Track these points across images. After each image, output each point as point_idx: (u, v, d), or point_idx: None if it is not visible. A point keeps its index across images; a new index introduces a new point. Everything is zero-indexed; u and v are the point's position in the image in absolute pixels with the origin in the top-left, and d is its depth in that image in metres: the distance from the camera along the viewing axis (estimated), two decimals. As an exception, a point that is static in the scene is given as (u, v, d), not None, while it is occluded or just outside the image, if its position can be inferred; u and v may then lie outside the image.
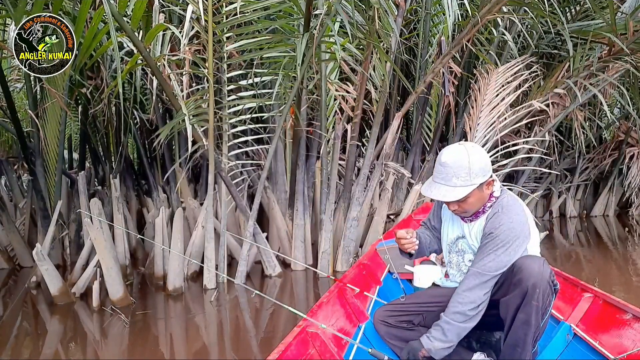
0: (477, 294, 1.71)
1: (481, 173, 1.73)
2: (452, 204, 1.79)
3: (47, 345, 3.01)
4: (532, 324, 1.64)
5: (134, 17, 3.11)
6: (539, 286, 1.63)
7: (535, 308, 1.63)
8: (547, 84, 5.41)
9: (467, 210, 1.81)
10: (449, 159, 1.74)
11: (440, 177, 1.76)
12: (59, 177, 4.69)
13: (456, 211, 1.82)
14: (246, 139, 4.54)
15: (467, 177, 1.71)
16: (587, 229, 6.97)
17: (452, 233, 1.97)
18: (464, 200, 1.75)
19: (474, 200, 1.77)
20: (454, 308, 1.73)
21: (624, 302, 1.96)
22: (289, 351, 1.61)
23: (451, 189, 1.72)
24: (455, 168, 1.72)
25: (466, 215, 1.85)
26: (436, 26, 5.93)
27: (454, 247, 1.96)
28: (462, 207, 1.78)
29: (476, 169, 1.72)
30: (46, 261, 3.57)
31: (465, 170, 1.71)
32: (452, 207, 1.80)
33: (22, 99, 7.60)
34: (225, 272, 4.13)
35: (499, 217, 1.76)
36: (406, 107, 4.83)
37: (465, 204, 1.77)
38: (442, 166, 1.76)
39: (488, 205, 1.83)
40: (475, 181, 1.72)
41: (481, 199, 1.79)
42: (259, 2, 3.70)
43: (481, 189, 1.76)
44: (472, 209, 1.80)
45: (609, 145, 7.75)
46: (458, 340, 1.76)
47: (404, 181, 5.56)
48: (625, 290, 3.82)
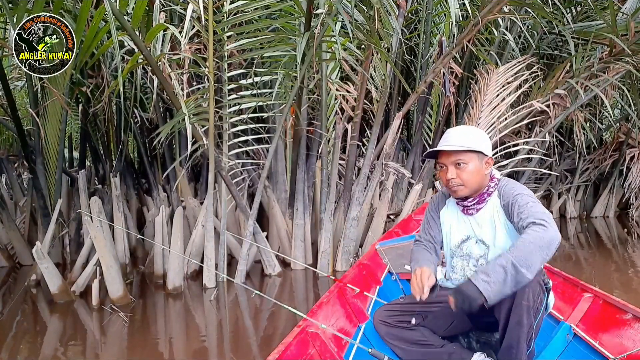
0: (541, 234, 1.50)
1: (483, 143, 1.79)
2: (450, 171, 1.79)
3: (46, 344, 3.01)
4: (524, 324, 1.63)
5: (135, 16, 3.11)
6: (528, 285, 1.60)
7: (526, 308, 1.62)
8: (547, 84, 5.41)
9: (464, 182, 1.78)
10: (452, 129, 1.87)
11: (445, 141, 1.82)
12: (59, 175, 4.69)
13: (453, 182, 1.79)
14: (246, 138, 4.54)
15: (469, 141, 1.77)
16: (587, 230, 6.96)
17: (457, 236, 1.93)
18: (463, 165, 1.76)
19: (472, 170, 1.77)
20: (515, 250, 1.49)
21: (624, 302, 1.96)
22: (289, 351, 1.61)
23: (450, 146, 1.78)
24: (458, 132, 1.82)
25: (460, 191, 1.80)
26: (437, 26, 5.93)
27: (458, 251, 1.92)
28: (460, 175, 1.77)
29: (478, 137, 1.80)
30: (46, 259, 3.57)
31: (468, 135, 1.80)
32: (450, 175, 1.79)
33: (22, 97, 7.61)
34: (225, 271, 4.13)
35: (510, 186, 1.78)
36: (407, 107, 4.83)
37: (464, 172, 1.77)
38: (447, 133, 1.86)
39: (492, 186, 1.83)
40: (477, 147, 1.76)
41: (480, 174, 1.79)
42: (260, 1, 3.70)
43: (481, 162, 1.79)
44: (470, 182, 1.78)
45: (609, 147, 7.74)
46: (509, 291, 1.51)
47: (404, 181, 5.56)
48: (625, 291, 3.82)
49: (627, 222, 7.49)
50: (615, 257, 5.28)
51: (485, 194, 1.83)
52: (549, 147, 6.20)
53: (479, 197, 1.83)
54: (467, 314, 1.92)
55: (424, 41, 5.70)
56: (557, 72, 5.43)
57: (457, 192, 1.82)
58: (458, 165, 1.78)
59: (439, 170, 1.88)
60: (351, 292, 2.38)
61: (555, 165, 7.39)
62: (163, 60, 3.60)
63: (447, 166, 1.81)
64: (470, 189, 1.80)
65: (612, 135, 8.38)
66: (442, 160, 1.83)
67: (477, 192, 1.83)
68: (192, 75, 4.38)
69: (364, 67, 4.29)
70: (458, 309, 1.54)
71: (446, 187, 1.86)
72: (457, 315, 1.89)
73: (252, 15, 3.80)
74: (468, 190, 1.81)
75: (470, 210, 1.86)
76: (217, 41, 3.86)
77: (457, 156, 1.77)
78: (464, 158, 1.77)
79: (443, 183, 1.86)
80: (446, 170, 1.81)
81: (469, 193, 1.82)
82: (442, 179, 1.86)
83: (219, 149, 4.19)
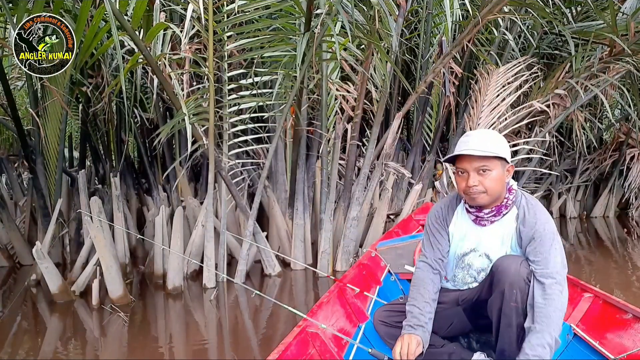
0: (562, 301, 1.58)
1: (505, 149, 1.70)
2: (472, 178, 1.66)
3: (46, 343, 3.01)
4: (513, 326, 1.63)
5: (135, 16, 3.11)
6: (516, 287, 1.60)
7: (515, 309, 1.61)
8: (547, 84, 5.41)
9: (486, 190, 1.67)
10: (473, 132, 1.73)
11: (465, 145, 1.69)
12: (59, 175, 4.69)
13: (473, 189, 1.67)
14: (246, 138, 4.55)
15: (493, 146, 1.66)
16: (587, 230, 6.97)
17: (463, 248, 1.85)
18: (487, 172, 1.65)
19: (495, 176, 1.66)
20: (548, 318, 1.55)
21: (624, 302, 1.97)
22: (289, 351, 1.61)
23: (475, 150, 1.65)
24: (482, 136, 1.70)
25: (482, 199, 1.69)
26: (437, 26, 5.93)
27: (460, 262, 1.88)
28: (483, 182, 1.66)
29: (501, 143, 1.70)
30: (46, 259, 3.57)
31: (492, 140, 1.69)
32: (472, 182, 1.66)
33: (22, 97, 7.61)
34: (224, 271, 4.13)
35: (531, 214, 1.69)
36: (407, 107, 4.83)
37: (488, 178, 1.66)
38: (468, 136, 1.72)
39: (510, 198, 1.73)
40: (501, 152, 1.66)
41: (502, 182, 1.69)
42: (260, 1, 3.70)
43: (503, 168, 1.69)
44: (493, 189, 1.67)
45: (609, 147, 7.74)
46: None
47: (404, 181, 5.56)
48: (625, 290, 3.82)
49: (627, 222, 7.49)
50: (615, 257, 5.28)
51: (502, 207, 1.73)
52: (549, 147, 6.20)
53: (496, 209, 1.74)
54: (467, 316, 1.92)
55: (424, 41, 5.70)
56: (557, 72, 5.43)
57: (477, 199, 1.70)
58: (481, 171, 1.66)
59: (457, 175, 1.74)
60: (351, 292, 2.38)
61: (555, 165, 7.39)
62: (163, 60, 3.60)
63: (468, 172, 1.68)
64: (491, 197, 1.70)
65: (612, 135, 8.38)
66: (463, 166, 1.69)
67: (496, 202, 1.73)
68: (192, 75, 4.38)
69: (364, 67, 4.29)
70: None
71: (464, 194, 1.73)
72: (457, 316, 1.89)
73: (252, 15, 3.80)
74: (489, 199, 1.70)
75: (483, 221, 1.78)
76: (217, 41, 3.86)
77: (481, 162, 1.65)
78: (489, 164, 1.65)
79: (460, 189, 1.74)
80: (467, 176, 1.68)
81: (489, 202, 1.71)
82: (459, 185, 1.73)
83: (219, 149, 4.19)
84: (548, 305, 1.56)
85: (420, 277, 1.85)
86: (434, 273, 1.84)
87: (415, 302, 1.79)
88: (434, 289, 1.82)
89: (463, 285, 1.90)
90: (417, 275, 1.88)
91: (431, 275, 1.84)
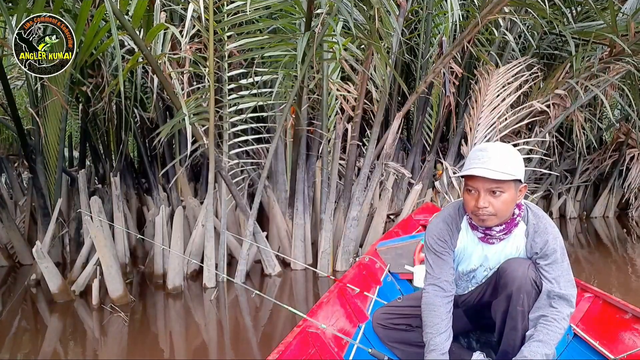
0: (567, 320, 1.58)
1: (520, 169, 1.57)
2: (483, 198, 1.55)
3: (46, 343, 3.01)
4: (519, 329, 1.63)
5: (135, 16, 3.11)
6: (523, 290, 1.60)
7: (521, 313, 1.62)
8: (547, 84, 5.41)
9: (496, 212, 1.57)
10: (490, 146, 1.58)
11: (480, 162, 1.54)
12: (59, 175, 4.69)
13: (483, 211, 1.56)
14: (246, 138, 4.55)
15: (511, 167, 1.53)
16: (587, 230, 6.97)
17: (468, 265, 1.80)
18: (499, 193, 1.54)
19: (507, 199, 1.56)
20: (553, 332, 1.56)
21: (624, 302, 1.97)
22: (289, 351, 1.61)
23: (491, 172, 1.51)
24: (500, 155, 1.55)
25: (490, 221, 1.60)
26: (437, 26, 5.93)
27: (465, 277, 1.85)
28: (493, 204, 1.55)
29: (518, 162, 1.57)
30: (46, 259, 3.57)
31: (509, 159, 1.55)
32: (483, 203, 1.55)
33: (22, 96, 7.60)
34: (225, 271, 4.13)
35: (542, 229, 1.64)
36: (407, 107, 4.83)
37: (498, 201, 1.55)
38: (483, 151, 1.57)
39: (522, 214, 1.66)
40: (516, 174, 1.54)
41: (512, 203, 1.59)
42: (260, 1, 3.70)
43: (516, 190, 1.58)
44: (503, 212, 1.58)
45: (609, 147, 7.74)
46: None
47: (404, 181, 5.56)
48: (625, 291, 3.82)
49: (627, 222, 7.50)
50: (615, 257, 5.28)
51: (512, 225, 1.65)
52: (549, 147, 6.20)
53: (506, 228, 1.65)
54: (467, 317, 1.92)
55: (424, 41, 5.70)
56: (557, 73, 5.43)
57: (486, 221, 1.60)
58: (493, 192, 1.55)
59: (466, 192, 1.62)
60: (351, 292, 2.38)
61: (555, 166, 7.39)
62: (163, 59, 3.60)
63: (479, 192, 1.56)
64: (500, 219, 1.61)
65: (612, 135, 8.38)
66: (474, 185, 1.57)
67: (505, 220, 1.64)
68: (192, 75, 4.38)
69: (364, 67, 4.29)
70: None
71: (471, 214, 1.62)
72: (457, 317, 1.89)
73: (253, 15, 3.80)
74: (498, 221, 1.61)
75: (492, 240, 1.70)
76: (218, 41, 3.86)
77: (495, 184, 1.53)
78: (503, 187, 1.54)
79: (468, 208, 1.62)
80: (477, 196, 1.57)
81: (497, 223, 1.62)
82: (468, 203, 1.61)
83: (219, 149, 4.19)
84: (556, 324, 1.56)
85: (432, 302, 1.72)
86: (446, 297, 1.72)
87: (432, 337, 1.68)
88: (448, 315, 1.71)
89: (464, 291, 1.90)
90: (428, 300, 1.73)
91: (444, 300, 1.72)
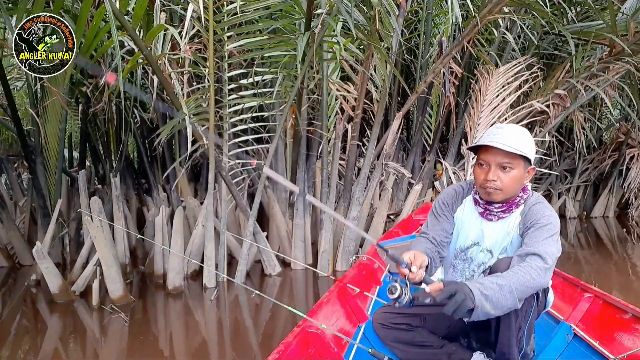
0: (539, 276, 1.49)
1: (532, 151, 1.66)
2: (493, 172, 1.63)
3: (46, 343, 3.01)
4: (513, 328, 1.63)
5: (135, 16, 3.11)
6: None
7: (514, 312, 1.59)
8: (547, 84, 5.41)
9: (503, 187, 1.64)
10: (506, 126, 1.69)
11: (496, 137, 1.63)
12: (59, 175, 4.69)
13: (491, 184, 1.64)
14: (246, 138, 4.55)
15: (523, 145, 1.63)
16: (586, 230, 6.97)
17: (465, 240, 1.82)
18: (509, 169, 1.62)
19: (516, 176, 1.64)
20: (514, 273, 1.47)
21: (624, 302, 1.97)
22: (289, 351, 1.61)
23: (505, 145, 1.60)
24: (513, 132, 1.65)
25: (496, 195, 1.67)
26: (437, 26, 5.93)
27: (462, 254, 1.86)
28: (502, 179, 1.63)
29: (530, 143, 1.67)
30: (46, 259, 3.57)
31: (522, 138, 1.65)
32: (492, 176, 1.63)
33: (22, 97, 7.60)
34: (225, 271, 4.13)
35: (540, 207, 1.67)
36: (407, 107, 4.83)
37: (507, 176, 1.63)
38: (499, 128, 1.68)
39: (525, 197, 1.71)
40: (528, 152, 1.63)
41: (519, 182, 1.66)
42: (260, 1, 3.70)
43: (525, 170, 1.66)
44: (510, 188, 1.65)
45: (609, 147, 7.74)
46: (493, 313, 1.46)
47: (404, 181, 5.56)
48: (625, 291, 3.82)
49: (627, 222, 7.50)
50: (615, 257, 5.28)
51: (513, 205, 1.71)
52: (549, 147, 6.20)
53: (506, 206, 1.71)
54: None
55: (424, 41, 5.70)
56: (557, 72, 5.43)
57: (492, 195, 1.67)
58: (503, 168, 1.63)
59: (477, 166, 1.70)
60: (351, 292, 2.38)
61: (555, 165, 7.39)
62: (163, 60, 3.60)
63: (490, 165, 1.65)
64: (505, 196, 1.67)
65: (611, 135, 8.38)
66: (486, 158, 1.66)
67: (508, 199, 1.71)
68: (192, 75, 4.38)
69: (364, 67, 4.29)
70: (443, 299, 1.41)
71: (480, 187, 1.70)
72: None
73: (253, 16, 3.80)
74: (503, 197, 1.67)
75: (491, 216, 1.75)
76: (218, 41, 3.86)
77: (506, 158, 1.62)
78: (513, 163, 1.63)
79: (477, 181, 1.71)
80: (487, 169, 1.66)
81: (502, 199, 1.69)
82: (477, 177, 1.70)
83: (219, 149, 4.19)
84: (520, 269, 1.48)
85: (420, 240, 1.78)
86: (432, 249, 1.74)
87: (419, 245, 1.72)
88: (434, 254, 1.73)
89: (461, 276, 1.89)
90: (413, 243, 1.79)
91: (429, 246, 1.74)
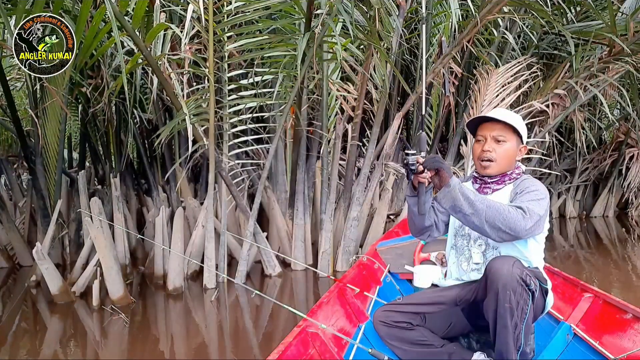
0: (515, 218, 1.60)
1: (524, 129, 1.85)
2: (488, 144, 1.81)
3: (46, 344, 3.01)
4: (509, 327, 1.63)
5: (135, 17, 3.12)
6: (509, 288, 1.60)
7: (510, 310, 1.61)
8: (547, 84, 5.41)
9: (498, 159, 1.81)
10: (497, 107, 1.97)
11: (492, 113, 1.86)
12: (58, 176, 4.69)
13: (486, 154, 1.81)
14: (246, 138, 4.55)
15: (513, 119, 1.82)
16: (586, 230, 6.97)
17: None
18: (502, 142, 1.81)
19: (509, 149, 1.82)
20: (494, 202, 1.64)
21: (624, 302, 1.97)
22: (289, 351, 1.61)
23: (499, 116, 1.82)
24: (506, 111, 1.90)
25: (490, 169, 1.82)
26: (437, 26, 5.93)
27: (461, 230, 1.92)
28: (495, 150, 1.81)
29: (521, 122, 1.87)
30: (46, 260, 3.57)
31: (514, 116, 1.86)
32: (487, 147, 1.81)
33: (22, 97, 7.61)
34: (225, 271, 4.13)
35: (530, 180, 1.82)
36: (406, 107, 4.83)
37: (501, 148, 1.81)
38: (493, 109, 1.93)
39: (516, 172, 1.86)
40: (518, 126, 1.82)
41: (512, 157, 1.84)
42: (260, 1, 3.70)
43: (518, 145, 1.85)
44: (502, 161, 1.82)
45: (609, 146, 7.75)
46: (459, 206, 1.62)
47: (404, 181, 5.56)
48: (625, 291, 3.82)
49: (627, 221, 7.50)
50: (615, 257, 5.28)
51: (507, 177, 1.85)
52: (549, 146, 6.20)
53: (500, 177, 1.86)
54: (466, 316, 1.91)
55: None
56: (556, 72, 5.43)
57: (486, 167, 1.84)
58: (498, 140, 1.81)
59: (476, 142, 1.89)
60: (351, 292, 2.38)
61: (555, 165, 7.39)
62: (163, 60, 3.60)
63: (486, 139, 1.84)
64: (499, 168, 1.83)
65: (611, 135, 8.39)
66: (483, 132, 1.86)
67: (501, 174, 1.86)
68: (192, 76, 4.38)
69: (364, 67, 4.29)
70: (426, 166, 1.61)
71: (477, 160, 1.87)
72: (456, 316, 1.89)
73: (253, 16, 3.81)
74: (497, 169, 1.83)
75: (485, 189, 1.88)
76: (217, 41, 3.86)
77: (500, 131, 1.81)
78: (506, 135, 1.81)
79: (475, 156, 1.88)
80: (484, 142, 1.84)
81: (496, 172, 1.84)
82: (475, 151, 1.88)
83: (219, 149, 4.19)
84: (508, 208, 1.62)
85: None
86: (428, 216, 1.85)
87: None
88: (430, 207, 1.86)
89: (461, 255, 1.91)
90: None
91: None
